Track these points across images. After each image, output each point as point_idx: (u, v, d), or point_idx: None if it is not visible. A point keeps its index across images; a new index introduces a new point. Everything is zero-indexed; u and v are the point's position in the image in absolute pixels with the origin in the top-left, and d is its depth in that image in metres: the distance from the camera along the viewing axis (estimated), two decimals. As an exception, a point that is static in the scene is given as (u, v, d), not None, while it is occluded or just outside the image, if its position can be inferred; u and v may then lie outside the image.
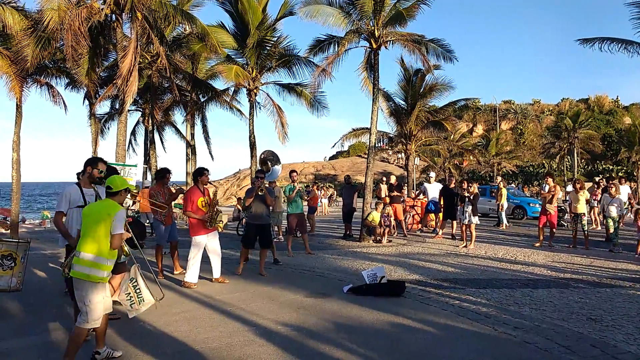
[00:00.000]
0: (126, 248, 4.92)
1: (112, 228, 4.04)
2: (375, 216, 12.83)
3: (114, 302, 5.08)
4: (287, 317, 5.61)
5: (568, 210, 15.66)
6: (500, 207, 16.82)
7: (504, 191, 17.04)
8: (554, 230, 11.95)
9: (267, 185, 8.73)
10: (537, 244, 11.87)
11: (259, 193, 8.22)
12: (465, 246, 11.58)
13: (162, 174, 8.42)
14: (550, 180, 12.40)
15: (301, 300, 6.41)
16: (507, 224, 16.98)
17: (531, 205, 19.66)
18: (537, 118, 65.02)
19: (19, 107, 16.16)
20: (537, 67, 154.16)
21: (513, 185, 33.09)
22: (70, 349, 3.97)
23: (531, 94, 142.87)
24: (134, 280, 4.85)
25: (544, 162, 51.71)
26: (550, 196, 11.83)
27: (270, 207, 8.81)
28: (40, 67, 16.45)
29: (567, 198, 15.86)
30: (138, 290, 4.84)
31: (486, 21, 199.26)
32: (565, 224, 15.93)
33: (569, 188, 16.18)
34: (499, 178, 19.05)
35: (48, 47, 14.20)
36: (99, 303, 4.02)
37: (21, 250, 5.50)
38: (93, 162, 5.24)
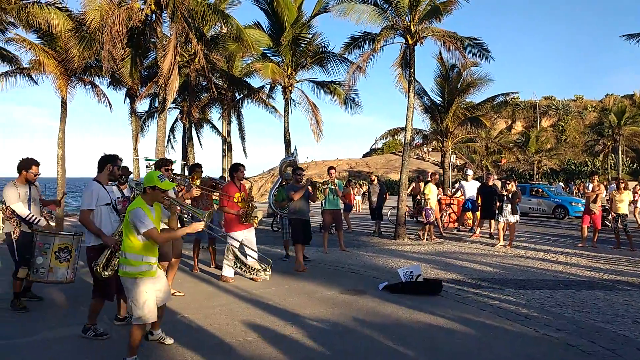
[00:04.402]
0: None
1: (137, 228, 3.93)
2: (431, 190, 12.66)
3: None
4: (322, 313, 5.63)
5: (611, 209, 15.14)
6: None
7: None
8: (598, 230, 11.55)
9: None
10: (580, 245, 11.49)
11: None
12: (504, 245, 11.34)
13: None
14: (595, 179, 11.99)
15: (336, 297, 6.42)
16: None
17: (573, 204, 19.08)
18: (580, 114, 62.99)
19: (64, 105, 16.81)
20: (579, 62, 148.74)
21: (561, 184, 32.15)
22: (129, 345, 3.98)
23: (573, 90, 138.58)
24: (237, 258, 4.91)
25: (586, 160, 50.06)
26: (594, 196, 11.43)
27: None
28: (85, 67, 17.01)
29: (610, 198, 15.31)
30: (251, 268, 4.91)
31: (526, 15, 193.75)
32: (609, 224, 15.36)
33: (613, 187, 15.65)
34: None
35: (92, 47, 14.66)
36: (142, 297, 3.97)
37: (75, 243, 5.63)
38: (113, 159, 5.07)
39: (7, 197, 5.71)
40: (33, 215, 5.74)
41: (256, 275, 5.04)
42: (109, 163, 5.02)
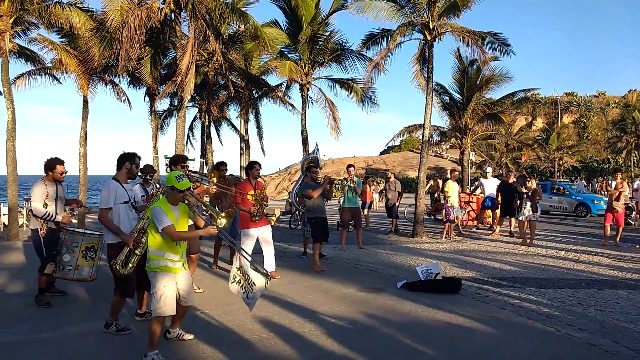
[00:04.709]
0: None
1: (156, 225, 4.07)
2: (451, 188, 12.66)
3: None
4: (341, 310, 5.63)
5: (635, 207, 14.83)
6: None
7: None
8: (621, 228, 11.32)
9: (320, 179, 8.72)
10: (602, 243, 11.27)
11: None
12: (526, 244, 11.18)
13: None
14: (618, 176, 11.77)
15: (354, 294, 6.41)
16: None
17: (595, 202, 18.74)
18: (602, 111, 61.78)
19: (85, 104, 17.09)
20: (601, 58, 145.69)
21: (583, 182, 31.51)
22: (150, 339, 4.07)
23: (595, 86, 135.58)
24: (242, 268, 4.79)
25: (609, 157, 49.09)
26: (617, 193, 11.21)
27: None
28: (105, 66, 17.26)
29: (634, 195, 14.98)
30: (247, 276, 4.72)
31: (546, 10, 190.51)
32: (633, 222, 15.06)
33: (636, 185, 15.31)
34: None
35: (112, 46, 14.86)
36: (160, 291, 4.08)
37: (100, 242, 5.78)
38: (131, 157, 5.09)
39: (32, 194, 5.85)
40: (49, 214, 5.82)
41: (247, 297, 4.74)
42: (127, 161, 5.06)
